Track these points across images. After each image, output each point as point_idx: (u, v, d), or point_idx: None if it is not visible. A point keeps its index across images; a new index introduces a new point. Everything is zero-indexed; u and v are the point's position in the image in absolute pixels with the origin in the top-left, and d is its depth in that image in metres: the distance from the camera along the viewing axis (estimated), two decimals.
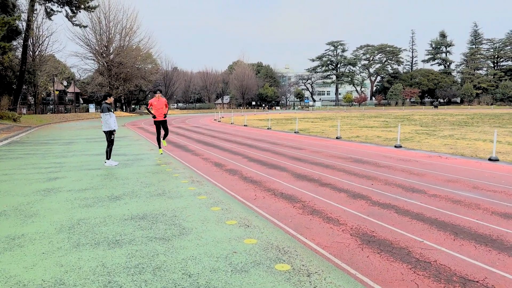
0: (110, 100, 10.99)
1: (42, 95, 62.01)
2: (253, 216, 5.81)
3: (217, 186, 7.96)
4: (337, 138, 18.83)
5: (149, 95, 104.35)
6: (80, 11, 47.49)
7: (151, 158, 12.30)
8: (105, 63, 67.38)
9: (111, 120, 10.66)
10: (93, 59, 68.92)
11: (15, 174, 9.53)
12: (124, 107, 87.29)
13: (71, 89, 74.89)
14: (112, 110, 10.89)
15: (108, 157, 10.83)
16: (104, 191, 7.64)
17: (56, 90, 63.73)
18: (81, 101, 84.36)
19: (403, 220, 5.59)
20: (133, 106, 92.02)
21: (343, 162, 11.16)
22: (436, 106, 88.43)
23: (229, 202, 6.61)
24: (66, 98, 73.64)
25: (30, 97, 59.25)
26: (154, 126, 12.77)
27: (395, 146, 14.91)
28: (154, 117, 12.21)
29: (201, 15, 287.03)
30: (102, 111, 10.71)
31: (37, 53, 53.39)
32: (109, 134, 10.73)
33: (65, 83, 70.52)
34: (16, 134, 22.69)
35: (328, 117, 45.35)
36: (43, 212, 6.14)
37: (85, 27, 51.81)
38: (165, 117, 12.32)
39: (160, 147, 12.79)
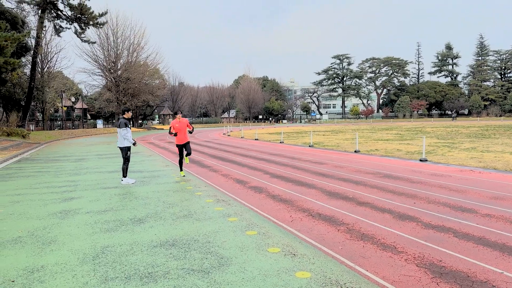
0: (128, 115, 10.50)
1: (50, 111, 62.03)
2: (296, 242, 5.19)
3: (245, 206, 7.37)
4: (355, 151, 18.20)
5: (156, 110, 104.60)
6: (89, 28, 47.63)
7: (168, 175, 11.75)
8: (113, 78, 67.51)
9: (128, 136, 10.14)
10: (101, 75, 69.12)
11: (28, 194, 8.99)
12: (132, 122, 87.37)
13: (78, 105, 74.98)
14: (130, 126, 10.36)
15: (124, 175, 10.28)
16: (125, 212, 7.07)
17: (64, 106, 63.79)
18: (89, 117, 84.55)
19: (467, 246, 4.96)
20: (140, 121, 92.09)
21: (372, 177, 10.54)
22: (454, 118, 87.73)
23: (264, 225, 6.01)
24: (74, 114, 73.71)
25: (38, 114, 59.31)
26: (177, 150, 11.53)
27: (420, 160, 14.26)
28: (175, 134, 11.15)
29: (207, 30, 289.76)
30: (119, 126, 10.19)
31: (45, 69, 53.51)
32: (125, 151, 10.19)
33: (73, 99, 70.57)
34: (26, 151, 22.28)
35: (338, 130, 44.74)
36: (62, 238, 5.57)
37: (93, 43, 52.04)
38: (190, 132, 11.34)
39: (181, 170, 11.53)
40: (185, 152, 11.41)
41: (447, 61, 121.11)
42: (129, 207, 7.54)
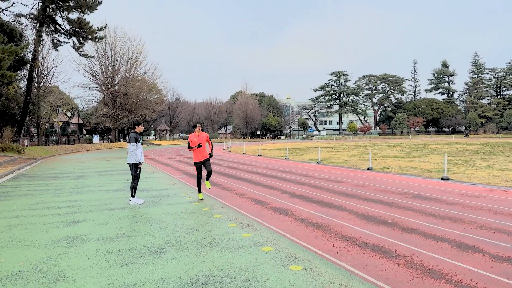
0: (140, 128, 9.63)
1: (46, 126, 61.00)
2: (354, 281, 4.35)
3: (276, 232, 6.52)
4: (368, 169, 17.42)
5: (152, 126, 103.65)
6: (87, 42, 47.07)
7: (178, 194, 10.87)
8: (110, 93, 66.84)
9: (138, 151, 9.30)
10: (98, 90, 68.50)
11: (27, 217, 8.08)
12: (127, 137, 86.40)
13: (74, 120, 73.96)
14: (141, 141, 9.53)
15: (132, 194, 9.40)
16: (140, 239, 6.19)
17: (60, 121, 62.79)
18: (84, 132, 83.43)
19: None
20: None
21: (401, 198, 9.74)
22: (466, 135, 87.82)
23: (307, 257, 5.16)
24: (69, 129, 72.66)
25: (33, 129, 58.24)
26: (195, 167, 9.89)
27: (442, 179, 13.49)
28: (199, 146, 9.58)
29: (205, 45, 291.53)
30: (129, 141, 9.37)
31: (41, 84, 52.66)
32: (134, 168, 9.33)
33: (69, 114, 69.62)
34: (21, 167, 21.29)
35: (339, 146, 44.06)
36: (71, 274, 4.69)
37: (92, 57, 51.44)
38: (210, 155, 9.86)
39: (200, 192, 9.96)
40: (204, 172, 9.93)
41: (443, 78, 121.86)
42: (143, 232, 6.67)
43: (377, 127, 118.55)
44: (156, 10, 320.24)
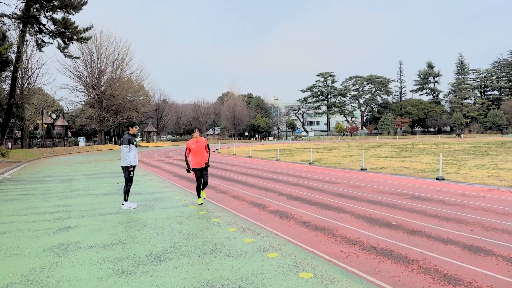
0: (134, 130, 9.26)
1: (30, 129, 59.80)
2: None
3: (279, 236, 6.28)
4: (361, 169, 17.32)
5: (139, 127, 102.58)
6: (72, 42, 46.23)
7: (171, 197, 10.56)
8: (96, 95, 65.83)
9: (131, 154, 8.94)
10: (84, 91, 67.40)
11: (15, 223, 7.69)
12: (114, 140, 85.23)
13: (59, 122, 72.64)
14: (135, 143, 9.16)
15: (125, 198, 9.07)
16: (137, 246, 5.89)
17: (44, 124, 61.62)
18: (69, 134, 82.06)
19: None
20: (122, 139, 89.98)
21: (400, 199, 9.59)
22: (458, 135, 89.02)
23: (316, 264, 4.94)
24: (54, 131, 71.35)
25: (17, 131, 56.99)
26: (193, 174, 9.34)
27: (437, 179, 13.43)
28: (188, 171, 9.22)
29: (193, 47, 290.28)
30: (122, 143, 9.03)
31: (25, 85, 51.58)
32: (128, 171, 8.97)
33: (53, 116, 68.35)
34: (6, 170, 20.67)
35: (329, 147, 44.07)
36: (67, 286, 4.38)
37: (77, 58, 50.54)
38: (207, 165, 9.23)
39: (199, 196, 9.47)
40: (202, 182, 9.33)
41: (429, 79, 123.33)
42: (139, 238, 6.36)
43: (364, 128, 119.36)
44: (142, 11, 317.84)
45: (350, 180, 13.58)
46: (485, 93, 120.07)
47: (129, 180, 9.02)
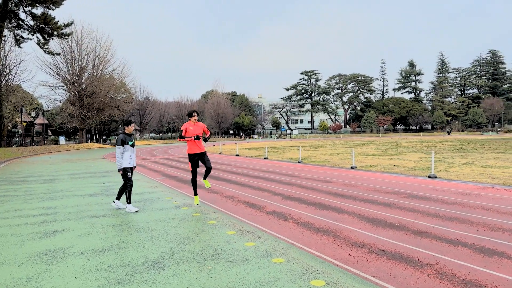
0: (130, 129, 8.53)
1: (8, 127, 58.07)
2: None
3: (281, 240, 5.98)
4: (352, 167, 17.17)
5: (120, 126, 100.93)
6: (53, 38, 45.03)
7: (161, 198, 10.15)
8: (77, 92, 64.44)
9: (125, 155, 8.29)
10: (64, 89, 65.84)
11: None
12: (95, 138, 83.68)
13: (39, 121, 70.87)
14: (131, 143, 8.42)
15: (127, 201, 8.47)
16: (132, 252, 5.51)
17: (24, 122, 59.93)
18: (49, 132, 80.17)
19: None
20: (104, 137, 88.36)
21: (397, 198, 9.41)
22: (449, 133, 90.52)
23: (326, 269, 4.65)
24: (34, 130, 69.53)
25: None
26: (189, 163, 8.51)
27: (429, 177, 13.35)
28: (197, 138, 8.24)
29: (177, 44, 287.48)
30: (116, 143, 8.53)
31: (3, 82, 50.01)
32: (124, 173, 8.33)
33: (33, 114, 66.56)
34: None
35: (315, 145, 44.03)
36: None
37: (58, 54, 49.31)
38: (205, 140, 8.54)
39: (196, 193, 8.70)
40: (201, 169, 8.54)
41: (411, 78, 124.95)
42: (133, 243, 5.98)
43: (348, 126, 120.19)
44: (124, 7, 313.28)
45: (342, 179, 13.39)
46: (465, 92, 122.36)
47: (127, 181, 8.37)
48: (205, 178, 8.76)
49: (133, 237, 6.32)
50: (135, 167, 8.62)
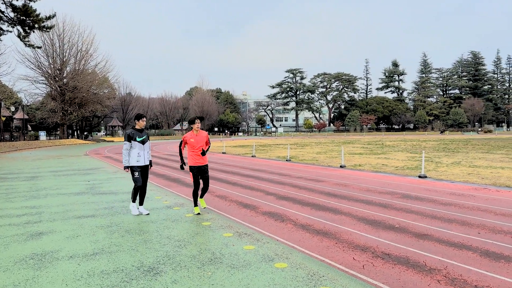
0: (140, 124, 7.76)
1: None
2: None
3: (281, 243, 5.77)
4: (341, 166, 17.10)
5: (103, 122, 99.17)
6: (34, 31, 43.77)
7: (151, 197, 9.81)
8: (58, 87, 62.96)
9: (133, 152, 7.61)
10: (45, 83, 64.24)
11: None
12: (76, 134, 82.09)
13: (18, 115, 69.03)
14: (140, 139, 7.67)
15: (140, 202, 7.94)
16: (125, 256, 5.22)
17: (2, 116, 58.26)
18: (29, 128, 78.24)
19: None
20: (85, 133, 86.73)
21: (392, 198, 9.31)
22: (442, 132, 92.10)
23: (332, 275, 4.46)
24: (13, 125, 67.72)
25: None
26: (191, 174, 7.78)
27: (420, 177, 13.34)
28: (181, 167, 7.84)
29: (160, 40, 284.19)
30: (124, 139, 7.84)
31: None
32: (131, 171, 7.65)
33: (12, 108, 64.85)
34: None
35: (301, 143, 44.01)
36: None
37: (39, 48, 47.93)
38: (203, 154, 7.72)
39: (196, 204, 7.84)
40: (201, 186, 7.87)
41: (394, 77, 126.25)
42: (125, 246, 5.68)
43: (332, 124, 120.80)
44: (108, 2, 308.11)
45: (334, 178, 13.26)
46: (447, 92, 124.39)
47: (134, 182, 7.70)
48: (201, 196, 8.09)
49: (125, 240, 6.02)
50: (151, 166, 7.96)
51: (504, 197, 9.37)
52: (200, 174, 7.76)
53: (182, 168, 7.90)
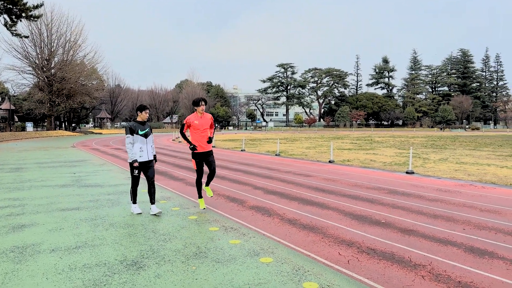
0: (143, 115, 7.16)
1: None
2: None
3: (267, 237, 5.74)
4: (330, 161, 17.13)
5: (91, 113, 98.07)
6: (21, 20, 42.98)
7: (137, 190, 9.68)
8: (45, 78, 62.05)
9: (135, 147, 6.98)
10: (32, 73, 63.25)
11: None
12: (64, 125, 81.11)
13: (4, 106, 67.83)
14: (143, 132, 7.06)
15: (133, 200, 7.40)
16: (108, 250, 5.14)
17: None
18: (16, 119, 77.05)
19: None
20: (73, 124, 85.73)
21: (379, 194, 9.34)
22: (441, 129, 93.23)
23: (317, 270, 4.44)
24: None
25: None
26: (193, 161, 7.33)
27: (407, 172, 13.42)
28: (193, 148, 7.16)
29: (151, 32, 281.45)
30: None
31: None
32: (131, 167, 7.08)
33: None
34: None
35: (290, 138, 44.06)
36: None
37: (26, 37, 47.15)
38: (210, 141, 7.26)
39: (200, 196, 7.44)
40: (205, 175, 7.35)
41: (384, 73, 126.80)
42: (109, 240, 5.60)
43: (322, 120, 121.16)
44: None
45: (322, 173, 13.27)
46: (436, 89, 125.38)
47: (132, 180, 7.20)
48: (207, 184, 7.52)
49: (109, 233, 5.94)
50: (155, 161, 7.36)
51: (489, 194, 9.46)
52: (205, 159, 7.19)
53: (193, 149, 7.15)
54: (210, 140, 7.23)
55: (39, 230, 6.10)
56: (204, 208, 7.36)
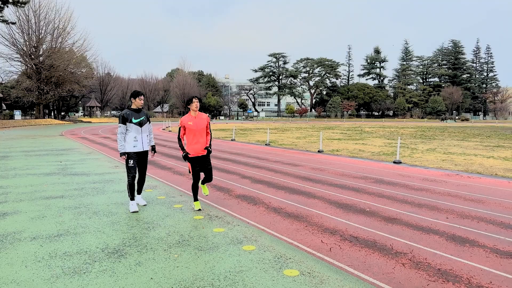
0: (138, 102, 6.58)
1: None
2: None
3: (251, 225, 5.74)
4: (319, 151, 17.17)
5: (81, 102, 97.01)
6: (7, 6, 42.18)
7: (123, 179, 9.63)
8: (33, 65, 61.04)
9: (129, 136, 6.48)
10: (20, 61, 62.17)
11: None
12: (53, 114, 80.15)
13: None
14: (137, 120, 6.54)
15: (138, 192, 6.93)
16: (90, 238, 5.10)
17: None
18: (4, 107, 75.93)
19: None
20: (63, 113, 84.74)
21: (365, 183, 9.38)
22: (443, 120, 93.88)
23: (299, 258, 4.45)
24: None
25: None
26: (189, 165, 6.58)
27: (394, 162, 13.50)
28: (185, 157, 6.43)
29: (142, 19, 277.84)
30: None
31: None
32: (126, 159, 6.53)
33: None
34: None
35: (281, 128, 44.06)
36: None
37: (13, 24, 46.38)
38: (208, 151, 6.59)
39: (196, 199, 6.68)
40: (202, 175, 6.74)
41: (375, 64, 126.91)
42: (91, 228, 5.55)
43: (313, 110, 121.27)
44: None
45: (310, 163, 13.30)
46: (427, 80, 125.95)
47: (127, 171, 6.51)
48: (203, 182, 6.86)
49: (92, 221, 5.88)
50: (154, 152, 6.91)
51: (474, 183, 9.55)
52: (201, 165, 6.54)
53: (186, 157, 6.46)
54: (208, 151, 6.59)
55: (21, 218, 6.03)
56: (200, 209, 6.62)
